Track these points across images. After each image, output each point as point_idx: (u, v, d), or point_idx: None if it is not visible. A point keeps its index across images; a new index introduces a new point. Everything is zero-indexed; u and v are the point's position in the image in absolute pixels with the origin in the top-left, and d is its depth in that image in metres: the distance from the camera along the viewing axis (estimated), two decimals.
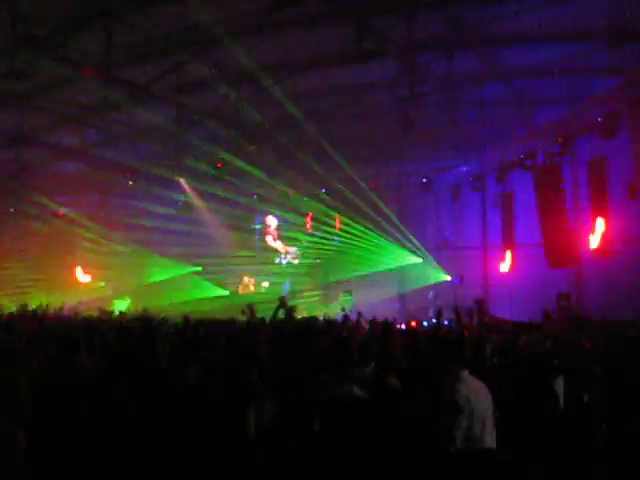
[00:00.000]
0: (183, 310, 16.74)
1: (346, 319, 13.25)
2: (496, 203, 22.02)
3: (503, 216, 21.66)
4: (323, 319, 13.39)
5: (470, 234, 23.63)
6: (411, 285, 23.88)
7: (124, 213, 24.28)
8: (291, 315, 9.78)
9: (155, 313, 16.94)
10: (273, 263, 27.03)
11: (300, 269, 26.61)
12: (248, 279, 26.99)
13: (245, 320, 10.23)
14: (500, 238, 21.79)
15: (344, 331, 10.57)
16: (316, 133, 16.64)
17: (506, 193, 21.53)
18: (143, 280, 25.50)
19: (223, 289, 26.35)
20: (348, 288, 24.74)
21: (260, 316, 10.66)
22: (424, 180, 23.27)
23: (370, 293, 23.21)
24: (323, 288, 26.06)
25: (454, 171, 22.73)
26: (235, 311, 12.93)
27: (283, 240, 27.01)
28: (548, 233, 18.52)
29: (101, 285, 26.39)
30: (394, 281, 24.27)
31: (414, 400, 5.02)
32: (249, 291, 26.72)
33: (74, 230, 24.96)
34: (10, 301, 21.30)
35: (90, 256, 25.97)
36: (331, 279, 25.87)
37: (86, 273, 26.29)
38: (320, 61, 14.58)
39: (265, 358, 6.69)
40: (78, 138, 19.20)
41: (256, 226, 27.56)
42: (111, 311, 19.56)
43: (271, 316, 9.79)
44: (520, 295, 19.53)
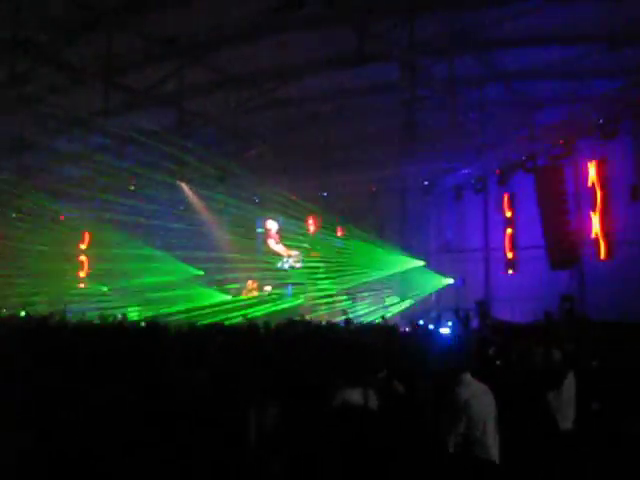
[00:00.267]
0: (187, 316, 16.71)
1: (348, 323, 13.27)
2: (498, 205, 22.02)
3: (505, 218, 21.66)
4: (324, 323, 13.43)
5: (472, 236, 23.60)
6: (413, 291, 23.81)
7: (126, 217, 24.26)
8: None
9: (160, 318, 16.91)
10: (275, 267, 27.03)
11: (302, 273, 26.60)
12: (252, 283, 26.98)
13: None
14: (502, 240, 21.78)
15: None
16: (317, 136, 16.64)
17: (508, 195, 21.53)
18: (144, 284, 25.49)
19: (226, 293, 26.34)
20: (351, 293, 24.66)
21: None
22: (425, 182, 23.27)
23: (372, 298, 23.20)
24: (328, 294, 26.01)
25: (455, 173, 22.68)
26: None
27: (285, 244, 27.03)
28: (550, 235, 18.51)
29: (104, 290, 26.39)
30: (395, 287, 24.20)
31: (415, 404, 5.06)
32: (252, 295, 26.71)
33: (76, 234, 25.05)
34: (12, 305, 21.31)
35: (93, 260, 26.09)
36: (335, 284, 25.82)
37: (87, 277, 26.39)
38: (320, 64, 14.60)
39: (269, 360, 6.71)
40: (79, 143, 19.22)
41: (257, 230, 27.56)
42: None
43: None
44: (523, 297, 19.50)
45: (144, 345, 7.15)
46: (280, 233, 27.18)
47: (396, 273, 23.67)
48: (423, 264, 23.47)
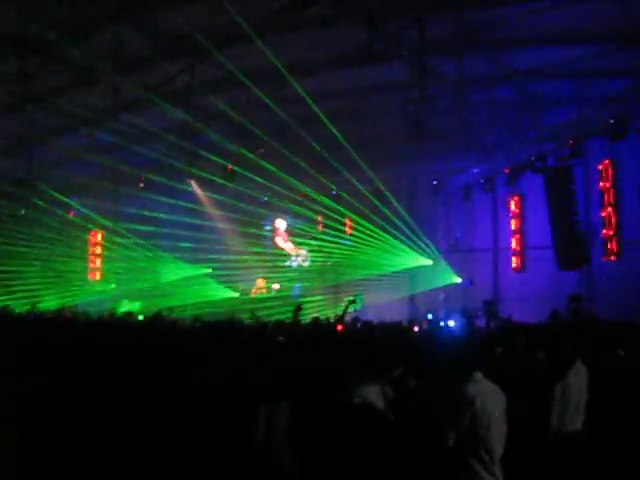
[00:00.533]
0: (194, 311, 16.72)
1: (356, 322, 13.23)
2: (506, 205, 22.00)
3: (513, 218, 21.65)
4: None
5: (481, 236, 23.59)
6: (421, 287, 23.86)
7: (135, 214, 24.33)
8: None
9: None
10: (283, 266, 27.08)
11: (311, 271, 26.66)
12: (261, 281, 27.04)
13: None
14: (510, 240, 21.76)
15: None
16: (326, 135, 16.63)
17: (517, 195, 21.50)
18: (154, 281, 25.59)
19: (234, 290, 26.40)
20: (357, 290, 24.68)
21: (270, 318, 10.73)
22: (434, 182, 23.27)
23: (380, 295, 23.21)
24: (333, 291, 26.02)
25: (464, 173, 22.68)
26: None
27: (293, 242, 27.09)
28: (559, 235, 18.48)
29: (112, 286, 26.50)
30: (404, 283, 24.24)
31: (424, 399, 5.13)
32: (261, 293, 26.76)
33: (85, 231, 25.18)
34: (22, 303, 21.39)
35: (101, 257, 26.22)
36: (342, 281, 25.86)
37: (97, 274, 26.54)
38: (331, 63, 14.62)
39: (279, 359, 6.74)
40: (89, 141, 19.28)
41: (266, 228, 27.61)
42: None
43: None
44: (531, 297, 19.48)
45: (166, 342, 7.23)
46: (288, 231, 27.24)
47: (405, 269, 23.74)
48: (432, 262, 23.46)
